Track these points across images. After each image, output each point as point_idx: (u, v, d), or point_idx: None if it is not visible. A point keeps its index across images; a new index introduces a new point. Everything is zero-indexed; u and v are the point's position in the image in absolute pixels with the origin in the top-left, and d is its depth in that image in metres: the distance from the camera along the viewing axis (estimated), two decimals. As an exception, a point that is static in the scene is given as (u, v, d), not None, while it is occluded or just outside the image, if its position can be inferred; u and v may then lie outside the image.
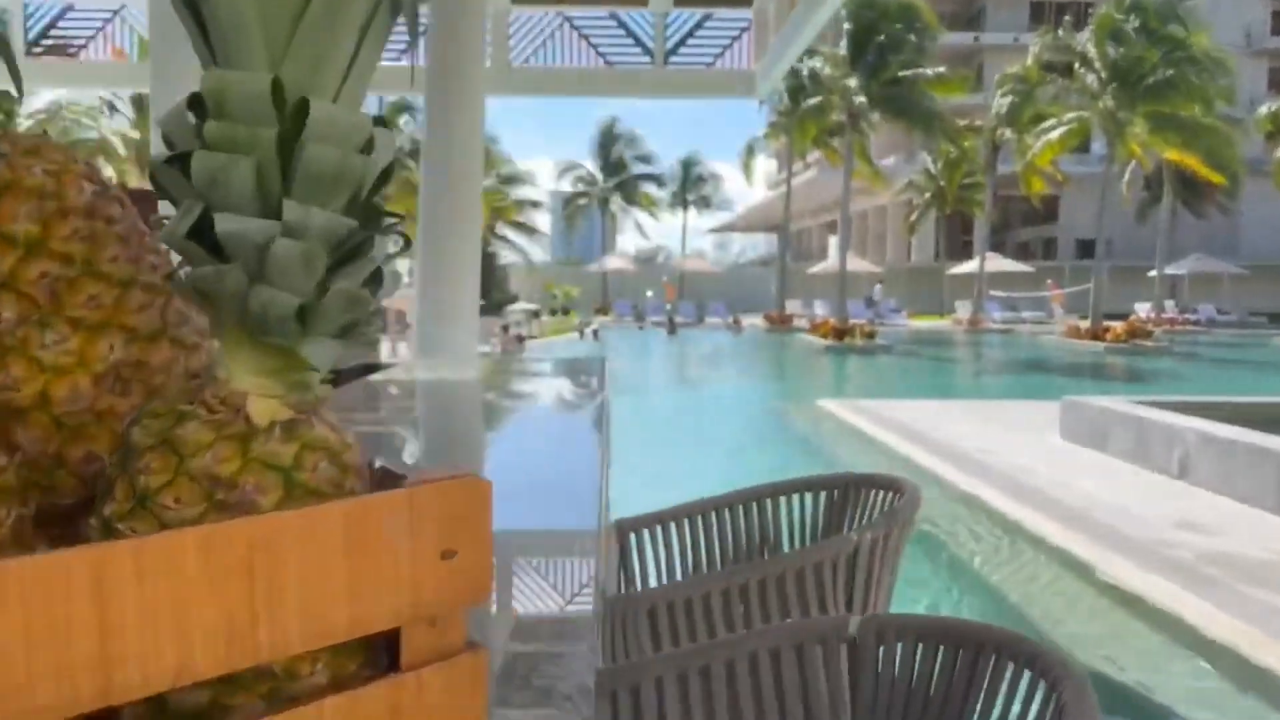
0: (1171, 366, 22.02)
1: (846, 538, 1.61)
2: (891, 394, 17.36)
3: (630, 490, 7.98)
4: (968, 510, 7.20)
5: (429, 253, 5.06)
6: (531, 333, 36.48)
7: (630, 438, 11.84)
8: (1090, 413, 9.09)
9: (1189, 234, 45.00)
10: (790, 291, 43.22)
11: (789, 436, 11.42)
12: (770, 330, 36.12)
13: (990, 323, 37.90)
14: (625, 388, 19.09)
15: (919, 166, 49.20)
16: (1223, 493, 6.96)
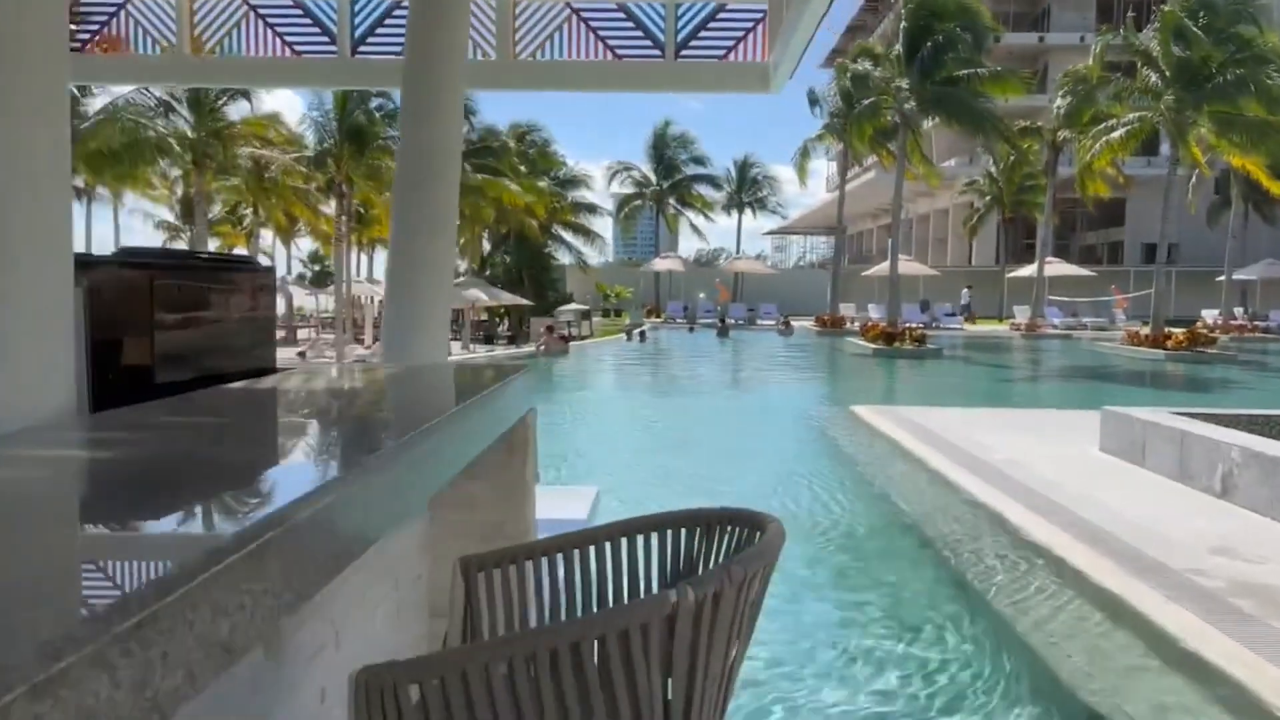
0: (1234, 375, 21.05)
1: (661, 596, 1.31)
2: (932, 400, 16.81)
3: (631, 496, 7.74)
4: (987, 526, 6.78)
5: (400, 255, 4.85)
6: (582, 333, 36.45)
7: (649, 441, 11.64)
8: (1130, 424, 8.58)
9: (1262, 238, 43.28)
10: (848, 294, 42.54)
11: (813, 443, 11.06)
12: (821, 333, 35.57)
13: (1049, 328, 36.82)
14: (658, 389, 18.87)
15: (981, 169, 48.13)
16: (1269, 515, 6.45)
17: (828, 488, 8.24)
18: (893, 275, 29.23)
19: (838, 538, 6.68)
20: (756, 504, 6.02)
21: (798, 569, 5.87)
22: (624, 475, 8.76)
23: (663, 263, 47.32)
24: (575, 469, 9.04)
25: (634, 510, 6.22)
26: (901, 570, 6.08)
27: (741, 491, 8.12)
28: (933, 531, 6.89)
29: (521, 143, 43.39)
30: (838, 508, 7.55)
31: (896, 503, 7.79)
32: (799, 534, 6.67)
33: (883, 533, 6.93)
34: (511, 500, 2.88)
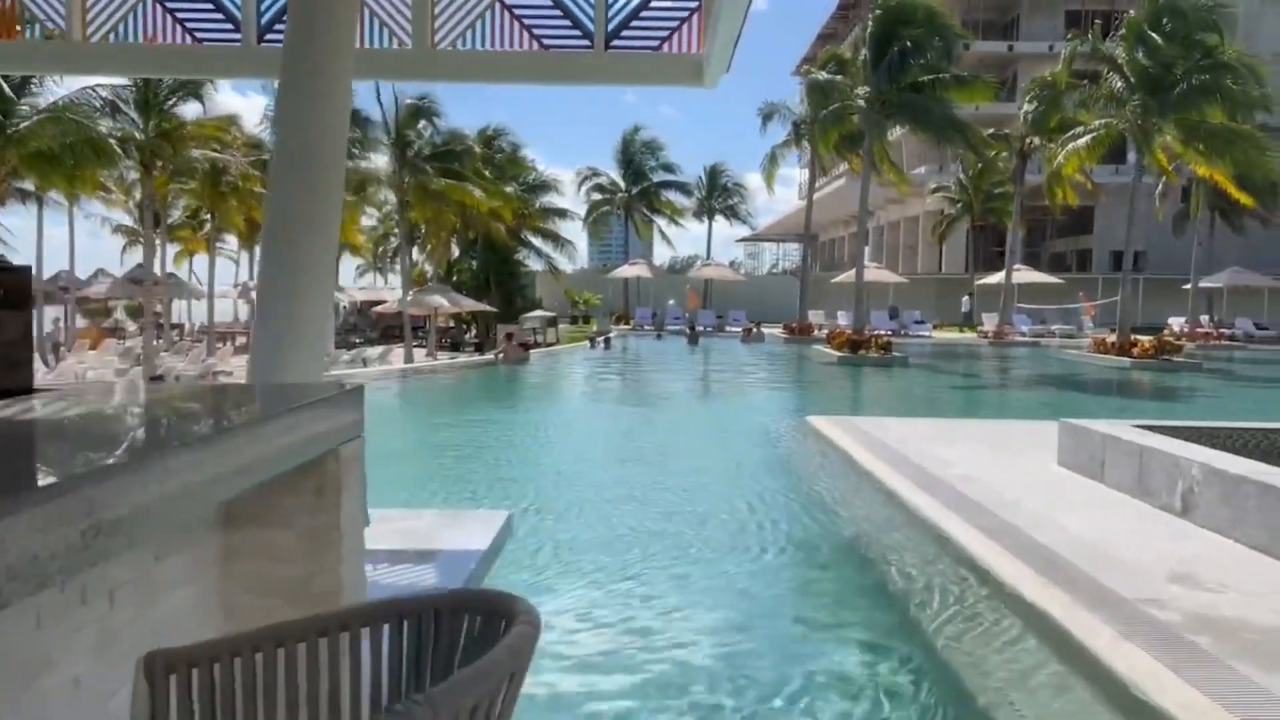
0: (1200, 384, 20.85)
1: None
2: (893, 410, 16.44)
3: (547, 522, 7.24)
4: (935, 550, 6.35)
5: (273, 260, 4.34)
6: (547, 340, 35.87)
7: (588, 456, 11.06)
8: (1088, 437, 8.19)
9: (1229, 246, 43.41)
10: (819, 301, 42.21)
11: (763, 457, 10.61)
12: (789, 340, 35.21)
13: (1017, 335, 36.68)
14: (611, 399, 18.34)
15: (950, 176, 48.09)
16: (1230, 536, 6.06)
17: (769, 508, 7.78)
18: (858, 282, 28.92)
19: (769, 565, 6.21)
20: (684, 527, 5.58)
21: (712, 601, 5.41)
22: (550, 495, 8.26)
23: (631, 269, 46.83)
24: (497, 490, 8.52)
25: (540, 540, 5.71)
26: (831, 606, 5.61)
27: (672, 514, 7.65)
28: (877, 558, 6.45)
29: (490, 147, 42.81)
30: (775, 532, 7.08)
31: (841, 525, 7.34)
32: (725, 561, 6.20)
33: (819, 560, 6.47)
34: (321, 550, 2.39)
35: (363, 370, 24.52)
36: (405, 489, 8.40)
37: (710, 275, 47.01)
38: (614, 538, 6.70)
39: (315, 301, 4.35)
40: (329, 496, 2.38)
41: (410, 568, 4.30)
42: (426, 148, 35.11)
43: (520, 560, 5.69)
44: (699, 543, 6.60)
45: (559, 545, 6.30)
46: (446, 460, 10.43)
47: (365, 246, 61.12)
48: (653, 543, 6.51)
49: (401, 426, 14.43)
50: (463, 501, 7.85)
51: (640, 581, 5.63)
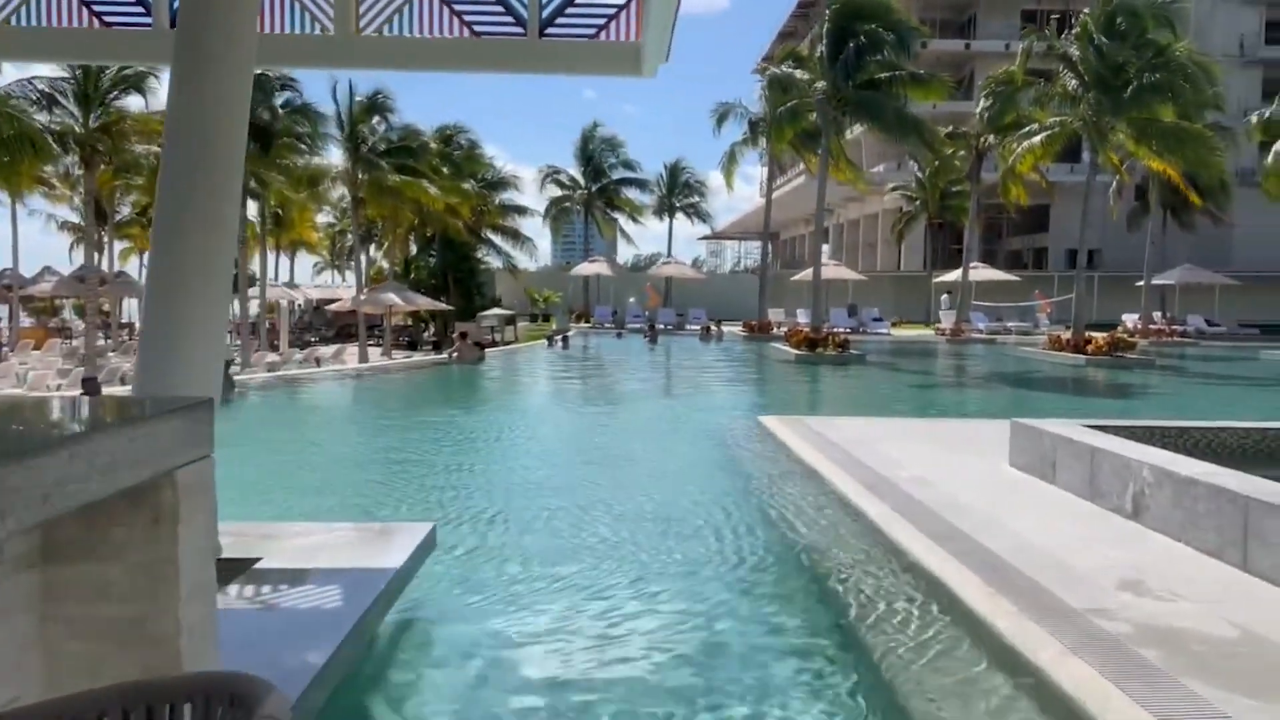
0: (1153, 381, 20.99)
1: None
2: (848, 409, 16.31)
3: (474, 532, 6.94)
4: (882, 557, 6.14)
5: (162, 263, 4.00)
6: (506, 339, 35.43)
7: (528, 459, 10.61)
8: (1039, 438, 8.04)
9: (1181, 244, 44.05)
10: (779, 299, 42.18)
11: (711, 458, 10.35)
12: (748, 338, 35.10)
13: (974, 333, 36.87)
14: (562, 399, 17.97)
15: (908, 174, 48.32)
16: (1181, 539, 5.91)
17: (713, 512, 7.53)
18: (816, 280, 28.83)
19: (704, 578, 5.95)
20: (618, 535, 5.29)
21: (649, 611, 5.15)
22: (485, 503, 7.92)
23: (591, 267, 46.50)
24: (430, 497, 8.14)
25: (467, 553, 5.40)
26: (772, 616, 5.37)
27: (608, 518, 7.38)
28: (819, 567, 6.21)
29: (448, 144, 42.27)
30: (717, 538, 6.83)
31: (786, 531, 7.11)
32: (662, 572, 5.94)
33: (762, 566, 6.22)
34: (157, 589, 2.09)
35: (315, 369, 24.00)
36: (329, 497, 8.05)
37: (671, 273, 46.82)
38: (546, 550, 6.41)
39: (208, 304, 4.02)
40: (166, 527, 2.08)
41: (311, 590, 3.98)
42: (381, 144, 34.58)
43: (441, 576, 5.40)
44: (633, 554, 6.32)
45: (488, 558, 6.01)
46: (379, 465, 10.04)
47: (321, 243, 60.35)
48: (583, 556, 6.23)
49: (340, 429, 14.08)
50: (389, 511, 7.51)
51: (566, 599, 5.36)
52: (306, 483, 8.84)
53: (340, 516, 6.85)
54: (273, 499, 7.85)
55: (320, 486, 8.58)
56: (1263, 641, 4.34)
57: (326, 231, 58.96)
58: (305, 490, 8.34)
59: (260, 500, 7.52)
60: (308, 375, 21.69)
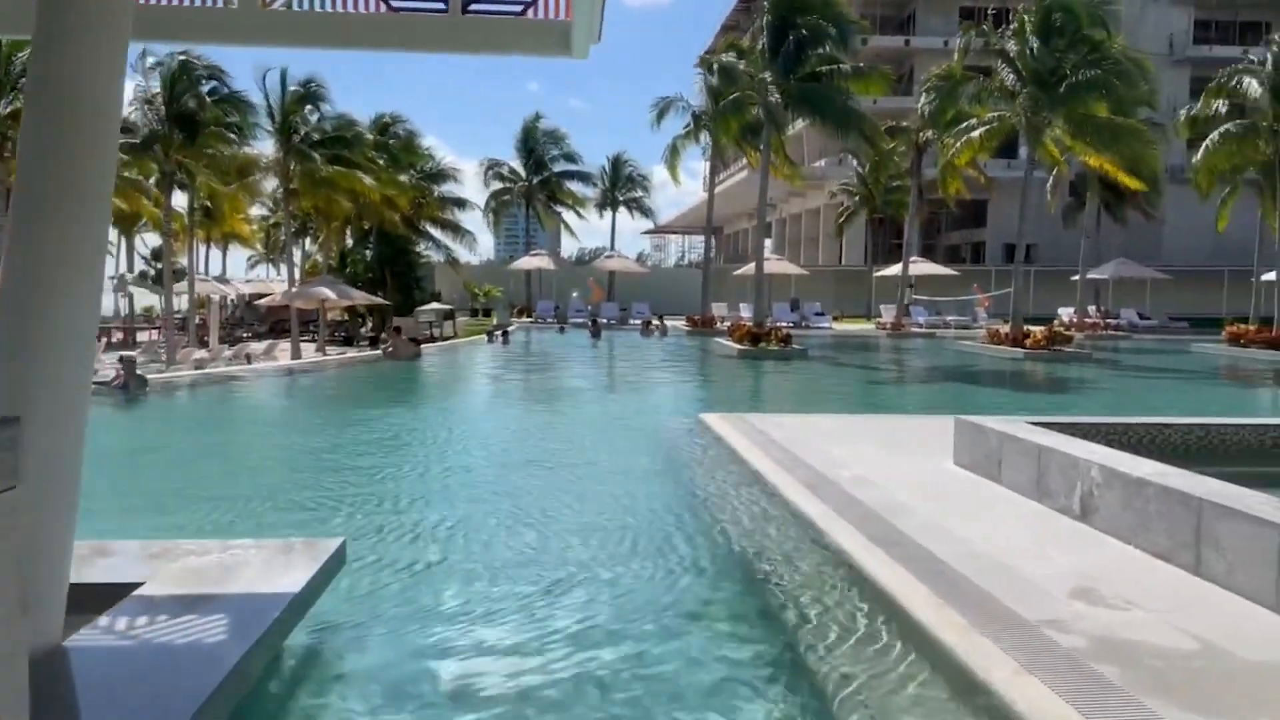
0: (1091, 374, 21.17)
1: None
2: (791, 405, 16.13)
3: (387, 545, 6.49)
4: (823, 564, 5.85)
5: (18, 250, 3.52)
6: (444, 334, 34.71)
7: (452, 465, 9.83)
8: (983, 436, 7.84)
9: (1114, 239, 44.87)
10: (722, 294, 42.04)
11: (649, 459, 10.00)
12: (692, 333, 34.88)
13: (914, 327, 37.11)
14: (497, 398, 17.45)
15: (849, 170, 48.51)
16: (1132, 542, 5.71)
17: (649, 520, 7.19)
18: (759, 274, 28.69)
19: (634, 590, 5.62)
20: (546, 548, 4.87)
21: (572, 634, 4.79)
22: (399, 513, 7.43)
23: (533, 260, 45.89)
24: (342, 507, 7.56)
25: (378, 573, 4.96)
26: (698, 631, 5.05)
27: (536, 529, 7.01)
28: (757, 574, 5.91)
29: (385, 134, 41.32)
30: (651, 543, 6.50)
31: (723, 536, 6.79)
32: (589, 582, 5.58)
33: (697, 573, 5.90)
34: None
35: (245, 367, 23.16)
36: (232, 509, 7.49)
37: (614, 267, 46.43)
38: (468, 566, 6.01)
39: (74, 302, 3.55)
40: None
41: (195, 620, 3.54)
42: (315, 134, 33.62)
43: (346, 598, 4.98)
44: (560, 570, 5.94)
45: (402, 574, 5.59)
46: (294, 470, 9.46)
47: (255, 237, 58.79)
48: (509, 574, 5.85)
49: (258, 430, 13.35)
50: (300, 520, 7.03)
51: (487, 623, 4.98)
52: (210, 491, 8.27)
53: (242, 531, 6.38)
54: (170, 511, 7.31)
55: (224, 495, 8.03)
56: (1221, 653, 4.12)
57: (260, 224, 57.47)
58: (206, 501, 7.77)
59: (155, 514, 6.99)
60: (236, 373, 20.90)
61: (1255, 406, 17.38)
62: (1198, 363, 25.48)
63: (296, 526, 6.75)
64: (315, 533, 6.30)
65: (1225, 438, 8.04)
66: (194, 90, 26.35)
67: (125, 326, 40.32)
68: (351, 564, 5.12)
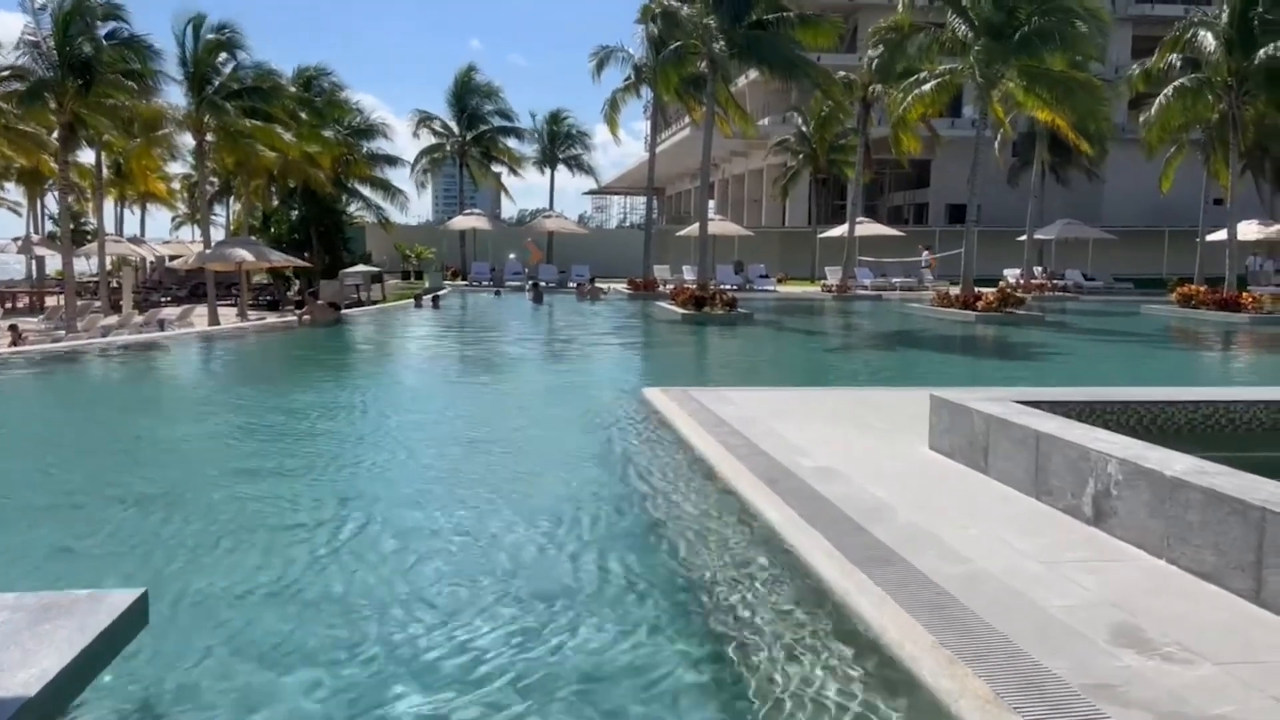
0: (1049, 339, 20.40)
1: None
2: (740, 375, 15.04)
3: (214, 589, 4.29)
4: (795, 591, 4.72)
5: None
6: (372, 298, 32.98)
7: (338, 458, 8.20)
8: (965, 418, 6.77)
9: (1055, 200, 44.54)
10: (664, 256, 40.75)
11: (587, 445, 8.73)
12: (633, 297, 33.60)
13: (860, 289, 36.32)
14: (414, 371, 15.82)
15: (793, 128, 47.36)
16: (1163, 556, 4.68)
17: (573, 529, 5.97)
18: (703, 236, 27.51)
19: (553, 632, 4.43)
20: (450, 567, 3.45)
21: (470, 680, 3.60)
22: (271, 525, 6.05)
23: (467, 220, 44.05)
24: (165, 529, 5.99)
25: (197, 628, 3.62)
26: (639, 689, 3.87)
27: (440, 540, 5.78)
28: (710, 606, 4.75)
29: (309, 88, 39.06)
30: (576, 569, 5.30)
31: (661, 547, 5.62)
32: (501, 620, 4.36)
33: (625, 613, 4.72)
34: None
35: (157, 334, 21.36)
36: (44, 525, 6.08)
37: (553, 228, 44.84)
38: (349, 594, 4.77)
39: None
40: None
41: None
42: (231, 84, 31.41)
43: (137, 677, 3.71)
44: (466, 598, 4.73)
45: (218, 635, 4.30)
46: (119, 472, 7.86)
47: (176, 196, 55.89)
48: (397, 601, 4.62)
49: (130, 410, 11.29)
50: (103, 558, 5.58)
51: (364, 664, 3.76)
52: (25, 500, 6.80)
53: (46, 552, 5.04)
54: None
55: (42, 507, 6.57)
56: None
57: (183, 183, 54.58)
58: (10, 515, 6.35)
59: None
60: (145, 341, 19.20)
61: (1233, 374, 16.70)
62: (1153, 325, 25.00)
63: (94, 564, 5.37)
64: (120, 565, 4.97)
65: (1234, 416, 7.08)
66: (89, 33, 24.13)
67: (32, 291, 37.84)
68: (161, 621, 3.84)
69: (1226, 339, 21.84)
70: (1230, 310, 24.84)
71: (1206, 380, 15.35)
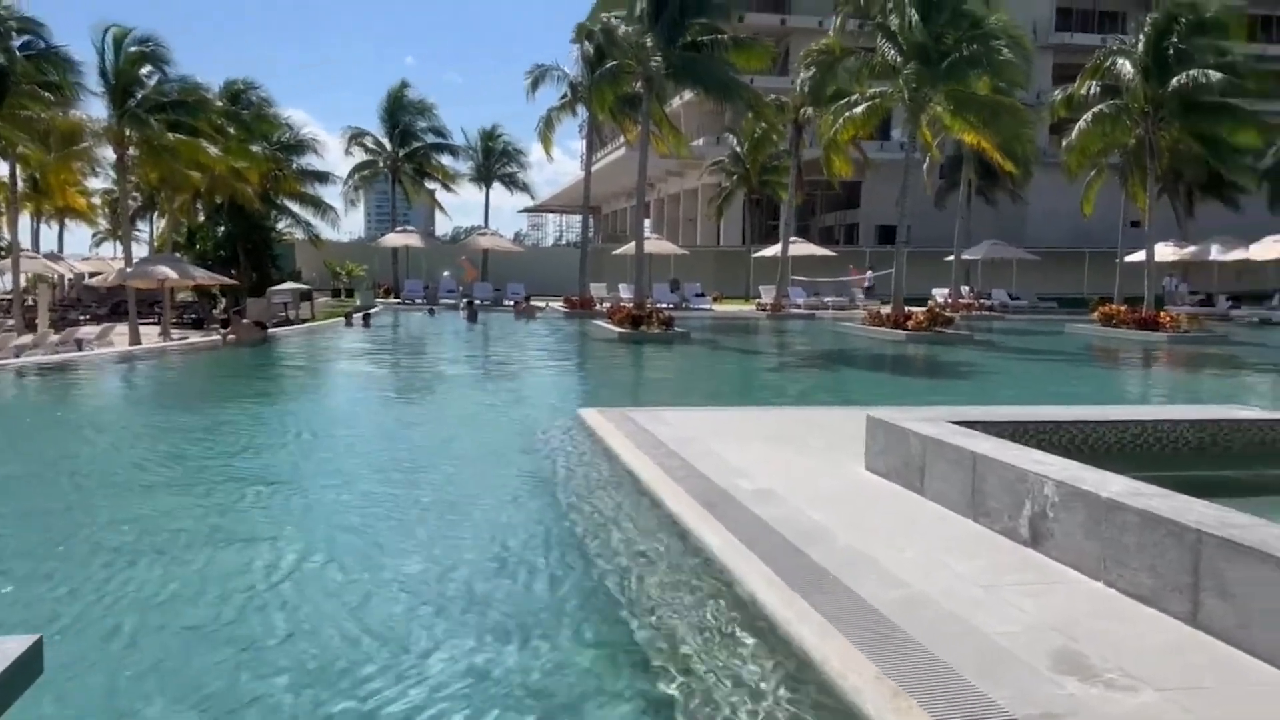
0: (979, 358, 20.74)
1: None
2: (677, 393, 14.97)
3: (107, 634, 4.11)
4: (735, 623, 4.61)
5: None
6: (301, 316, 32.23)
7: (282, 478, 7.97)
8: (902, 439, 6.77)
9: (981, 221, 45.60)
10: (601, 274, 40.66)
11: (521, 469, 8.54)
12: (569, 315, 33.43)
13: (793, 308, 36.66)
14: (355, 391, 15.46)
15: (727, 148, 47.78)
16: (1101, 578, 4.68)
17: (497, 558, 5.80)
18: (639, 254, 27.51)
19: (471, 660, 4.26)
20: (372, 622, 3.21)
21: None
22: (166, 565, 5.77)
23: (399, 238, 43.48)
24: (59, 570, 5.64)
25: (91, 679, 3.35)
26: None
27: (357, 587, 5.56)
28: (645, 634, 4.62)
29: (237, 102, 38.22)
30: (500, 596, 5.14)
31: (595, 575, 5.48)
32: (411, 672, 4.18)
33: (559, 636, 4.57)
34: None
35: (74, 355, 20.51)
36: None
37: (487, 246, 44.49)
38: (253, 650, 4.52)
39: None
40: None
41: None
42: (154, 98, 30.55)
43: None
44: (385, 655, 4.50)
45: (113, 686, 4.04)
46: (54, 494, 7.52)
47: (97, 211, 54.11)
48: (309, 652, 4.40)
49: (30, 440, 10.79)
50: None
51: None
52: None
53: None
54: None
55: None
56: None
57: (104, 198, 52.89)
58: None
59: None
60: (59, 361, 18.39)
61: (1157, 392, 17.11)
62: (1077, 343, 25.61)
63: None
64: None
65: (1162, 435, 7.20)
66: (3, 44, 23.25)
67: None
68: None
69: (1148, 357, 22.47)
70: (1150, 329, 25.60)
71: (1134, 398, 15.73)
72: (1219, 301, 38.08)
